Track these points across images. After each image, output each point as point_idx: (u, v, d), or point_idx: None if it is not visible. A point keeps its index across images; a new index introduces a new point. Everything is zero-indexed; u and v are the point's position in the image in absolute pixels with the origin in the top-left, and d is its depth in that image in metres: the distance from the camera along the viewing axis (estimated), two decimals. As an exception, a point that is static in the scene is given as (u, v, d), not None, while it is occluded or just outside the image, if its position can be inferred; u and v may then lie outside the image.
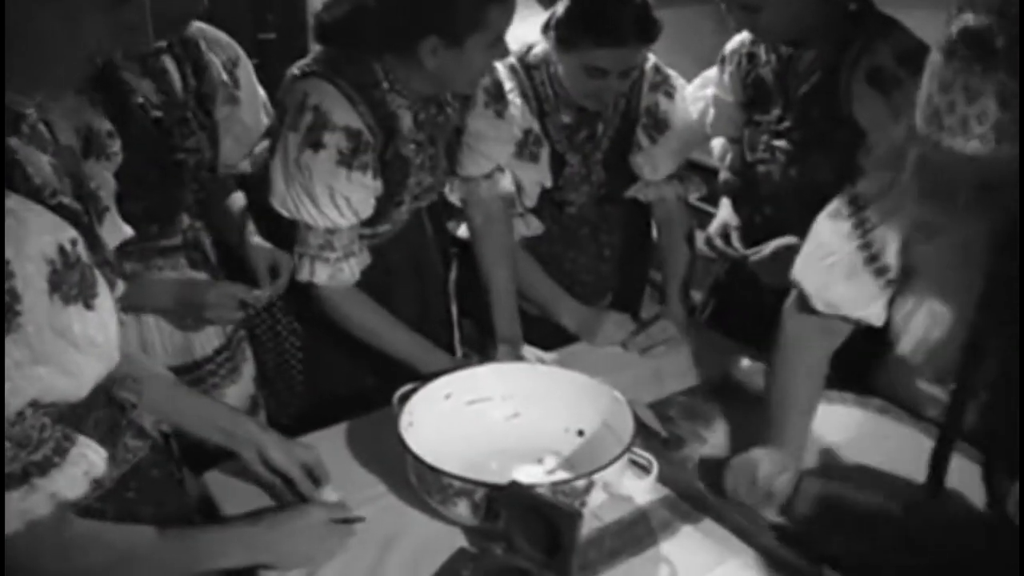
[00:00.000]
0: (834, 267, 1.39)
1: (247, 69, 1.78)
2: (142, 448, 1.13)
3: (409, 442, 1.29)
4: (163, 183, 1.60)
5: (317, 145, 1.50)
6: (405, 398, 1.41)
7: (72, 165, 1.01)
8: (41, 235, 0.85)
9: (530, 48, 1.87)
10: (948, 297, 1.29)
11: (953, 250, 1.26)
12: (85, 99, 1.41)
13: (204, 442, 1.30)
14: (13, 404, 0.82)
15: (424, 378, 1.48)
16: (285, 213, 1.55)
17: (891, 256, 1.34)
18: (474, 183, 1.84)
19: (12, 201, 0.84)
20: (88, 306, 0.89)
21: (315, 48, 1.62)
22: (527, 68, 1.86)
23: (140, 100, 1.55)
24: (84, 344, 0.89)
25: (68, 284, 0.86)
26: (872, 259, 1.36)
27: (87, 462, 0.90)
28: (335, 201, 1.53)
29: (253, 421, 1.37)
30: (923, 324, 1.34)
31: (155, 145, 1.58)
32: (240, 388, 1.79)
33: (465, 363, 1.65)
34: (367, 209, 1.59)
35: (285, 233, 1.61)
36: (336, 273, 1.58)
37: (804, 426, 1.40)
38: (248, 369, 1.83)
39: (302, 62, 1.58)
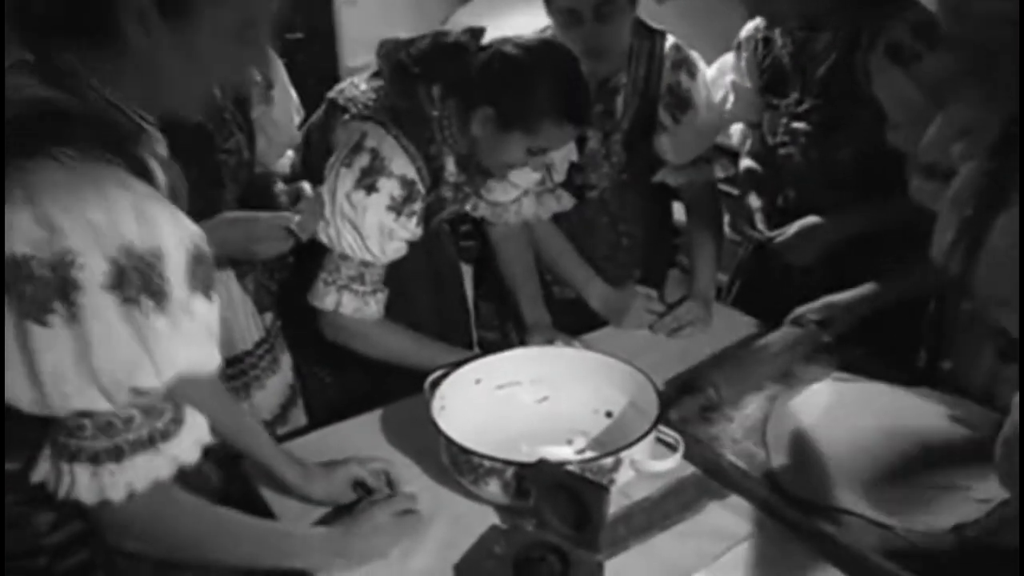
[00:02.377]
0: None
1: (279, 69, 1.82)
2: None
3: (441, 425, 1.34)
4: (203, 184, 1.64)
5: (371, 188, 1.52)
6: (436, 384, 1.45)
7: (178, 184, 1.05)
8: (184, 227, 0.90)
9: (545, 29, 1.88)
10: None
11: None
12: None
13: None
14: (165, 374, 0.89)
15: (455, 364, 1.52)
16: (324, 240, 1.56)
17: None
18: (501, 207, 1.88)
19: (153, 195, 0.89)
20: (209, 297, 0.94)
21: (362, 79, 1.64)
22: None
23: None
24: (214, 321, 0.95)
25: (201, 274, 0.92)
26: None
27: (199, 429, 0.96)
28: (380, 239, 1.56)
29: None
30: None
31: (196, 147, 1.62)
32: (280, 378, 1.83)
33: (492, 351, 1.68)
34: (402, 250, 1.62)
35: (304, 250, 1.61)
36: (363, 306, 1.59)
37: None
38: (287, 359, 1.87)
39: (358, 102, 1.60)
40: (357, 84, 1.65)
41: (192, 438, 0.95)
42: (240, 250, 1.57)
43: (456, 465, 1.32)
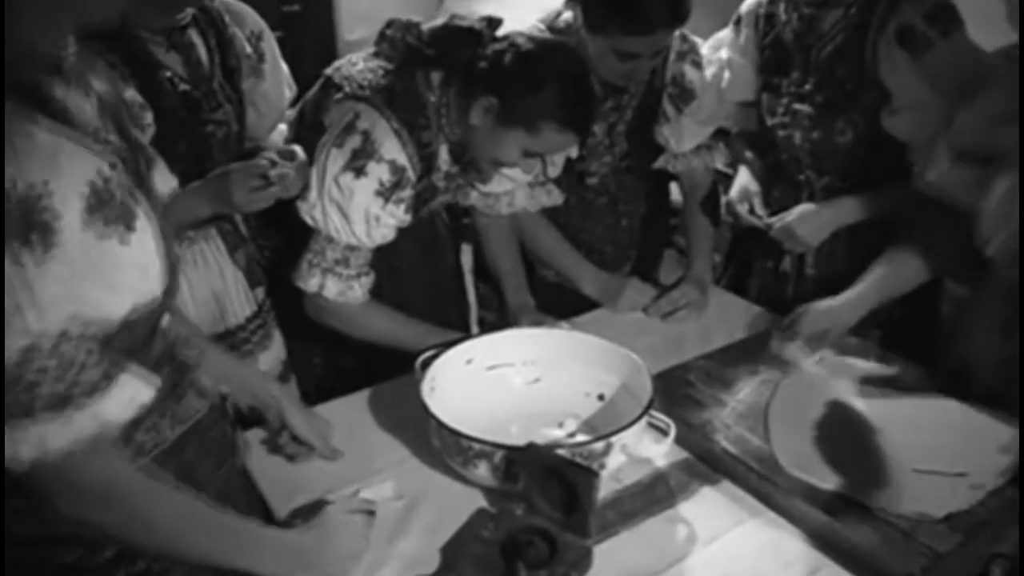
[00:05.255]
0: None
1: (271, 43, 1.80)
2: (202, 407, 1.15)
3: (431, 406, 1.32)
4: (192, 155, 1.62)
5: (360, 172, 1.49)
6: (427, 364, 1.43)
7: (116, 113, 1.01)
8: (80, 160, 0.86)
9: (558, 14, 1.84)
10: None
11: None
12: (116, 73, 1.43)
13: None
14: (54, 320, 0.84)
15: (446, 344, 1.50)
16: (309, 221, 1.54)
17: None
18: (494, 198, 1.85)
19: (49, 129, 0.85)
20: (129, 228, 0.90)
21: (359, 58, 1.61)
22: (556, 35, 1.85)
23: (168, 74, 1.56)
24: (126, 264, 0.90)
25: (109, 207, 0.87)
26: None
27: (134, 387, 0.91)
28: (367, 224, 1.53)
29: (280, 387, 1.41)
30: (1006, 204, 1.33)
31: (184, 118, 1.60)
32: (272, 354, 1.83)
33: (484, 332, 1.66)
34: (390, 236, 1.59)
35: (293, 228, 1.58)
36: (346, 290, 1.57)
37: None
38: (279, 335, 1.86)
39: (353, 81, 1.56)
40: (355, 62, 1.62)
41: (125, 394, 0.89)
42: (221, 202, 1.53)
43: (445, 447, 1.31)
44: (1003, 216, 1.32)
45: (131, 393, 0.91)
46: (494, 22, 1.57)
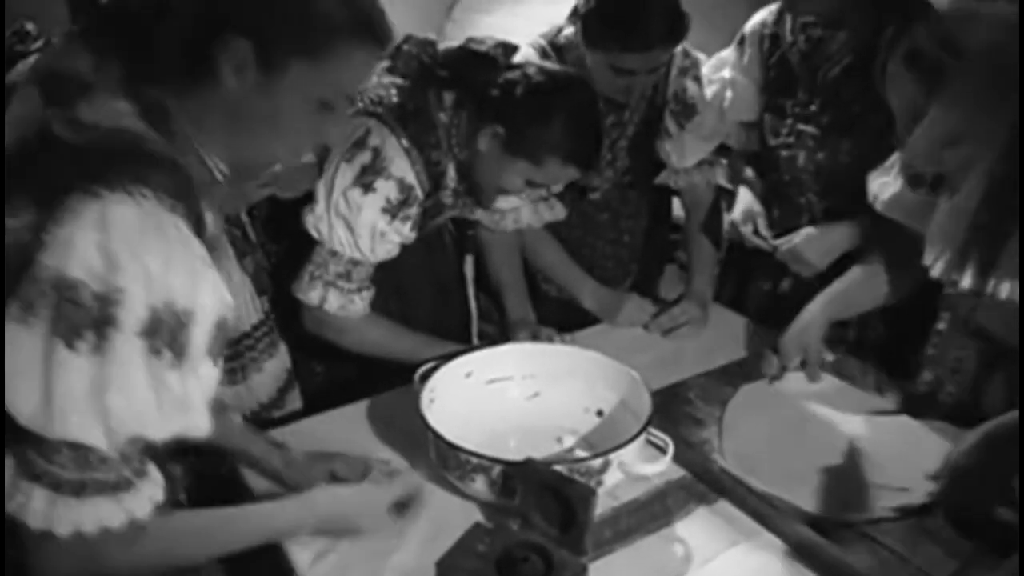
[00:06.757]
0: None
1: None
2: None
3: (430, 419, 1.31)
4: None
5: (368, 188, 1.50)
6: (427, 376, 1.43)
7: (220, 236, 1.08)
8: (220, 295, 0.91)
9: (560, 30, 1.85)
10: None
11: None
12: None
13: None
14: (166, 430, 0.89)
15: (446, 356, 1.50)
16: (314, 233, 1.54)
17: None
18: (499, 215, 1.86)
19: (204, 256, 0.90)
20: (215, 363, 0.93)
21: (376, 71, 1.60)
22: (557, 50, 1.84)
23: None
24: (208, 395, 0.93)
25: (218, 341, 0.92)
26: None
27: (155, 486, 0.94)
28: (372, 239, 1.53)
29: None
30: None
31: None
32: (278, 362, 1.81)
33: (482, 345, 1.66)
34: (394, 252, 1.59)
35: (295, 238, 1.59)
36: (348, 304, 1.57)
37: None
38: (284, 344, 1.85)
39: (365, 96, 1.56)
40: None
41: (147, 494, 0.92)
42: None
43: (443, 460, 1.30)
44: (943, 238, 1.33)
45: (153, 491, 0.93)
46: (509, 48, 1.57)
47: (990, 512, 1.21)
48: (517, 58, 1.63)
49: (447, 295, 1.97)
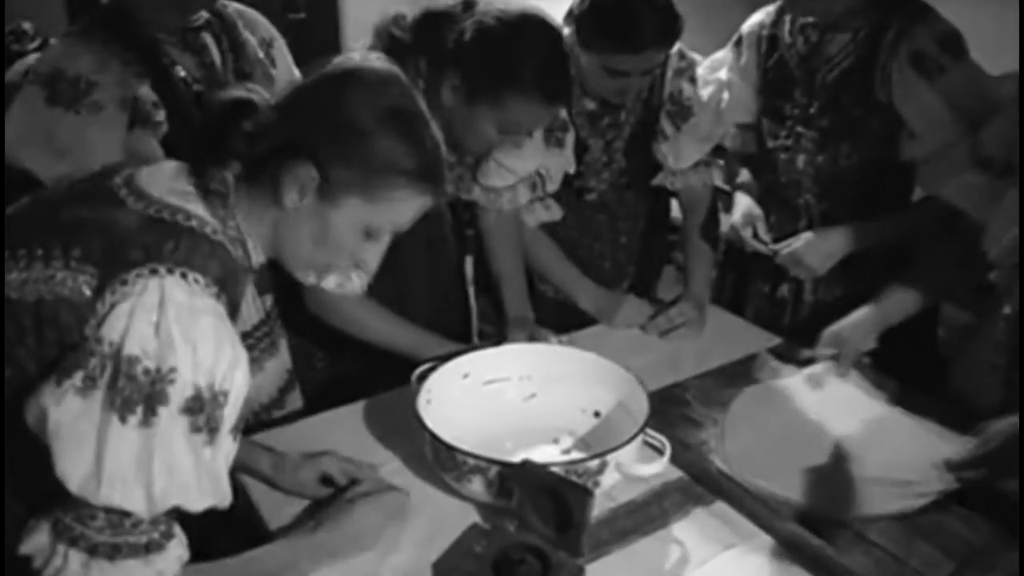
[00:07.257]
0: None
1: (282, 49, 1.80)
2: None
3: (426, 420, 1.31)
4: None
5: None
6: (424, 377, 1.43)
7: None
8: (246, 377, 0.95)
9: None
10: None
11: None
12: (130, 71, 1.46)
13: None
14: (203, 502, 0.93)
15: (443, 357, 1.49)
16: None
17: None
18: (495, 193, 1.85)
19: (238, 341, 0.96)
20: (235, 437, 0.97)
21: (357, 52, 1.61)
22: None
23: (182, 74, 1.57)
24: (227, 467, 0.97)
25: (240, 417, 0.97)
26: None
27: (183, 547, 0.97)
28: None
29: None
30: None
31: (194, 112, 1.59)
32: (279, 362, 1.81)
33: (480, 345, 1.66)
34: None
35: None
36: (345, 281, 1.57)
37: None
38: (285, 343, 1.85)
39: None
40: (352, 57, 1.62)
41: (176, 554, 0.95)
42: None
43: (439, 461, 1.30)
44: (1006, 226, 1.34)
45: (180, 551, 0.96)
46: (470, 3, 1.55)
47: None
48: None
49: (447, 295, 1.97)
